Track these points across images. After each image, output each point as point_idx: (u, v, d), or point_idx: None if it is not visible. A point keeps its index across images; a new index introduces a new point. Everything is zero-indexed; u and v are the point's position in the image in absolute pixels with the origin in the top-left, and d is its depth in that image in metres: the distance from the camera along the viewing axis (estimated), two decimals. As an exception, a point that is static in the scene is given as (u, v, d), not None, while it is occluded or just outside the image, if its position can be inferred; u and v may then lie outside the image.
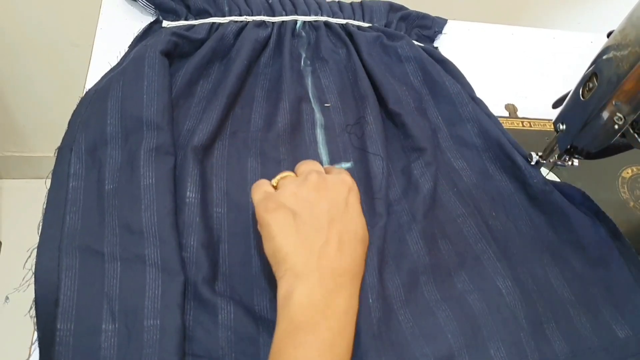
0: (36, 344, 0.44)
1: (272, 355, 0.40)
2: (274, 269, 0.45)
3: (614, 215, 0.67)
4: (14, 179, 1.62)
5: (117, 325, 0.44)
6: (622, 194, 0.70)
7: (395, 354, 0.47)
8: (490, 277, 0.54)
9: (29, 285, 0.45)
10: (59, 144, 0.54)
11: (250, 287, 0.50)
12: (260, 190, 0.49)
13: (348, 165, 0.61)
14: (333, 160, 0.61)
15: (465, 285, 0.54)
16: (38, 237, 0.47)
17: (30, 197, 0.46)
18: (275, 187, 0.51)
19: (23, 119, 1.47)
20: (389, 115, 0.66)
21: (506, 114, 0.74)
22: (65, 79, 1.32)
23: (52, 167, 0.52)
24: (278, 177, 0.51)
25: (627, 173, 0.72)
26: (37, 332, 0.44)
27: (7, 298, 0.46)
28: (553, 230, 0.59)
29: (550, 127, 0.73)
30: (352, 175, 0.56)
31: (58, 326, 0.43)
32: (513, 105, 0.75)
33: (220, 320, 0.47)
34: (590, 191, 0.67)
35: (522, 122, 0.74)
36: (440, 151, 0.64)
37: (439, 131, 0.66)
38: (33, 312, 0.44)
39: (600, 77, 0.54)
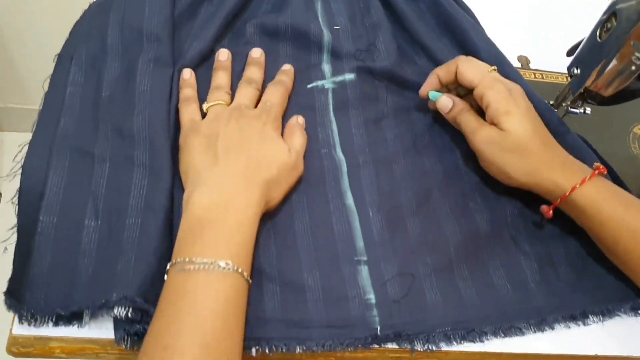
0: (14, 229, 0.44)
1: (175, 250, 0.42)
2: (184, 185, 0.48)
3: (623, 170, 0.65)
4: (15, 131, 1.61)
5: (99, 223, 0.44)
6: (633, 150, 0.69)
7: (396, 260, 0.49)
8: (502, 204, 0.55)
9: (15, 176, 0.47)
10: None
11: None
12: (188, 114, 0.52)
13: (352, 76, 0.60)
14: (336, 73, 0.61)
15: (476, 205, 0.54)
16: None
17: None
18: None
19: (27, 72, 1.47)
20: (412, 45, 0.66)
21: (519, 65, 0.73)
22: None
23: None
24: (210, 103, 0.53)
25: (639, 129, 0.71)
26: (18, 220, 0.44)
27: (5, 249, 0.45)
28: None
29: (562, 80, 0.72)
30: (353, 88, 0.59)
31: (40, 217, 0.44)
32: (526, 57, 0.74)
33: None
34: (601, 145, 0.66)
35: (535, 74, 0.73)
36: None
37: None
38: (16, 199, 0.45)
39: (619, 16, 0.52)
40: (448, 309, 0.47)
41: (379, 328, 0.45)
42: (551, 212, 0.51)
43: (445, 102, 0.56)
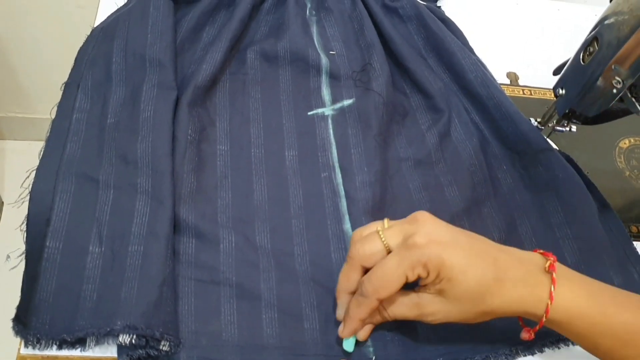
0: (23, 256, 0.45)
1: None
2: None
3: (609, 184, 0.68)
4: (17, 140, 1.62)
5: (103, 249, 0.45)
6: (619, 164, 0.70)
7: None
8: (488, 228, 0.56)
9: (23, 202, 0.48)
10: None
11: (252, 218, 0.53)
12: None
13: (350, 102, 0.62)
14: (335, 100, 0.63)
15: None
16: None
17: (33, 159, 0.49)
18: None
19: (27, 81, 1.47)
20: (398, 67, 0.68)
21: (507, 81, 0.75)
22: (70, 40, 1.31)
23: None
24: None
25: (625, 144, 0.72)
26: (26, 246, 0.46)
27: (8, 257, 0.47)
28: (554, 184, 0.59)
29: (550, 96, 0.74)
30: (352, 111, 0.61)
31: (47, 243, 0.45)
32: (514, 73, 0.76)
33: (222, 249, 0.49)
34: (587, 160, 0.68)
35: (523, 90, 0.75)
36: (454, 104, 0.65)
37: (449, 87, 0.67)
38: (24, 227, 0.47)
39: (601, 41, 0.54)
40: (439, 341, 0.48)
41: (374, 358, 0.46)
42: (533, 335, 0.45)
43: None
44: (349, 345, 0.45)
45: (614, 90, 0.54)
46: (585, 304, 0.42)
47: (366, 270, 0.44)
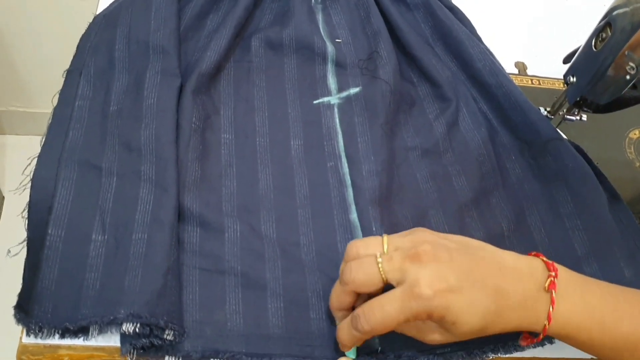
0: (24, 244, 0.45)
1: None
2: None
3: (619, 174, 0.67)
4: (18, 134, 1.61)
5: (106, 237, 0.45)
6: (629, 155, 0.70)
7: None
8: (496, 218, 0.55)
9: (24, 189, 0.47)
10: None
11: (257, 207, 0.52)
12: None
13: (356, 90, 0.62)
14: (341, 89, 0.62)
15: (472, 222, 0.55)
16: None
17: (33, 154, 0.49)
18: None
19: (28, 75, 1.47)
20: (405, 56, 0.67)
21: (515, 71, 0.74)
22: (71, 34, 1.30)
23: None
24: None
25: (635, 134, 0.71)
26: (28, 234, 0.45)
27: (9, 251, 0.46)
28: (564, 174, 0.58)
29: (559, 85, 0.73)
30: (359, 100, 0.60)
31: (49, 231, 0.44)
32: (523, 63, 0.75)
33: (226, 238, 0.48)
34: (597, 151, 0.67)
35: (532, 80, 0.74)
36: (462, 93, 0.64)
37: (457, 76, 0.66)
38: (26, 214, 0.46)
39: (614, 27, 0.53)
40: None
41: (379, 349, 0.45)
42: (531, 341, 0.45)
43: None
44: (351, 354, 0.45)
45: (627, 77, 0.53)
46: (581, 319, 0.42)
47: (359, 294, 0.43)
